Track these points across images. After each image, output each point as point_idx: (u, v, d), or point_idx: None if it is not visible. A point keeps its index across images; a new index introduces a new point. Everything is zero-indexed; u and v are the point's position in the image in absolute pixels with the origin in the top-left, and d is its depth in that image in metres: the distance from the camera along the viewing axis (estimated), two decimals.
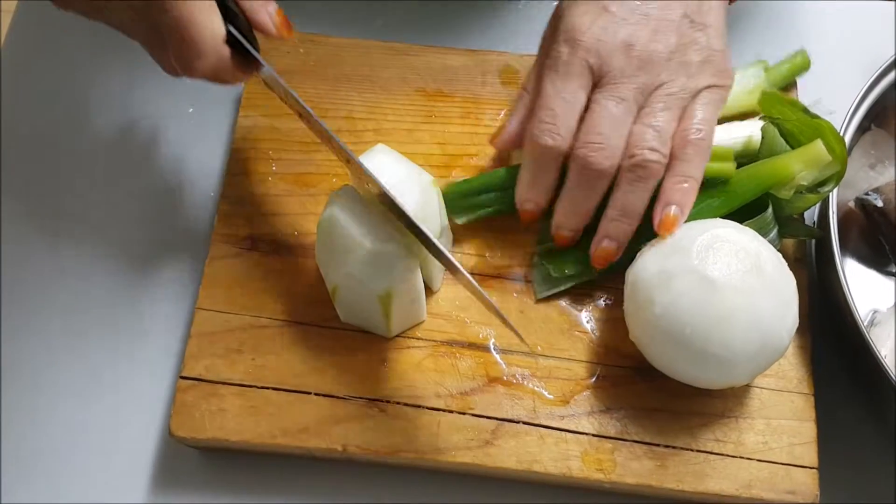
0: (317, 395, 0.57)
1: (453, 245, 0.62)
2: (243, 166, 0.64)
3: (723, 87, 0.58)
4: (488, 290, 0.60)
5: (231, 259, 0.61)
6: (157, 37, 0.51)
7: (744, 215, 0.58)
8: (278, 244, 0.62)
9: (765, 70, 0.65)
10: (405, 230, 0.54)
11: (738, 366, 0.53)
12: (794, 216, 0.61)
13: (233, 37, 0.52)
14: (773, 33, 0.73)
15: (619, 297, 0.60)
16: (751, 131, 0.62)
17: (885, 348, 0.59)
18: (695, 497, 0.56)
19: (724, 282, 0.52)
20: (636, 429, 0.57)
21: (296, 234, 0.62)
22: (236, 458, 0.59)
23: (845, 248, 0.64)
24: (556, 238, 0.59)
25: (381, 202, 0.54)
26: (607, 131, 0.55)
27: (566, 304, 0.60)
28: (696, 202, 0.58)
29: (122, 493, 0.59)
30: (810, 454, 0.56)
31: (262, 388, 0.57)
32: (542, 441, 0.56)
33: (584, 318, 0.60)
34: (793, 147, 0.60)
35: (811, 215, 0.64)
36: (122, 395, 0.61)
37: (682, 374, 0.55)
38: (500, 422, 0.57)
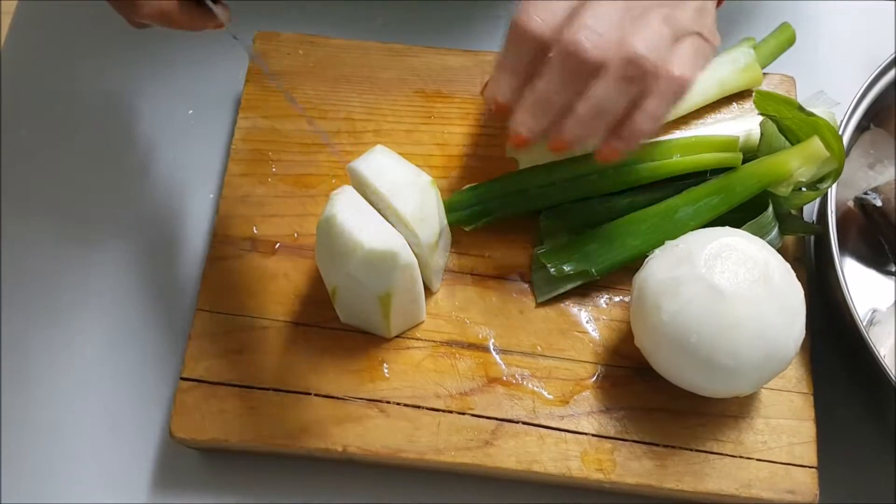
0: (317, 395, 0.57)
1: (453, 245, 0.62)
2: (243, 167, 0.64)
3: (709, 44, 0.53)
4: (488, 290, 0.60)
5: (231, 260, 0.61)
6: None
7: (743, 214, 0.59)
8: (278, 245, 0.62)
9: (753, 48, 0.65)
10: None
11: (743, 375, 0.52)
12: (793, 213, 0.61)
13: None
14: None
15: (620, 298, 0.60)
16: (749, 127, 0.62)
17: (885, 347, 0.59)
18: (694, 497, 0.56)
19: (732, 291, 0.51)
20: (636, 429, 0.57)
21: (295, 234, 0.62)
22: (236, 459, 0.59)
23: (844, 247, 0.64)
24: (511, 138, 0.53)
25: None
26: (602, 24, 0.50)
27: (566, 304, 0.60)
28: (696, 201, 0.57)
29: (122, 493, 0.59)
30: (810, 453, 0.56)
31: (262, 389, 0.57)
32: (541, 441, 0.56)
33: (584, 318, 0.60)
34: (792, 143, 0.60)
35: (811, 215, 0.64)
36: (123, 396, 0.61)
37: (688, 381, 0.55)
38: (499, 422, 0.57)
